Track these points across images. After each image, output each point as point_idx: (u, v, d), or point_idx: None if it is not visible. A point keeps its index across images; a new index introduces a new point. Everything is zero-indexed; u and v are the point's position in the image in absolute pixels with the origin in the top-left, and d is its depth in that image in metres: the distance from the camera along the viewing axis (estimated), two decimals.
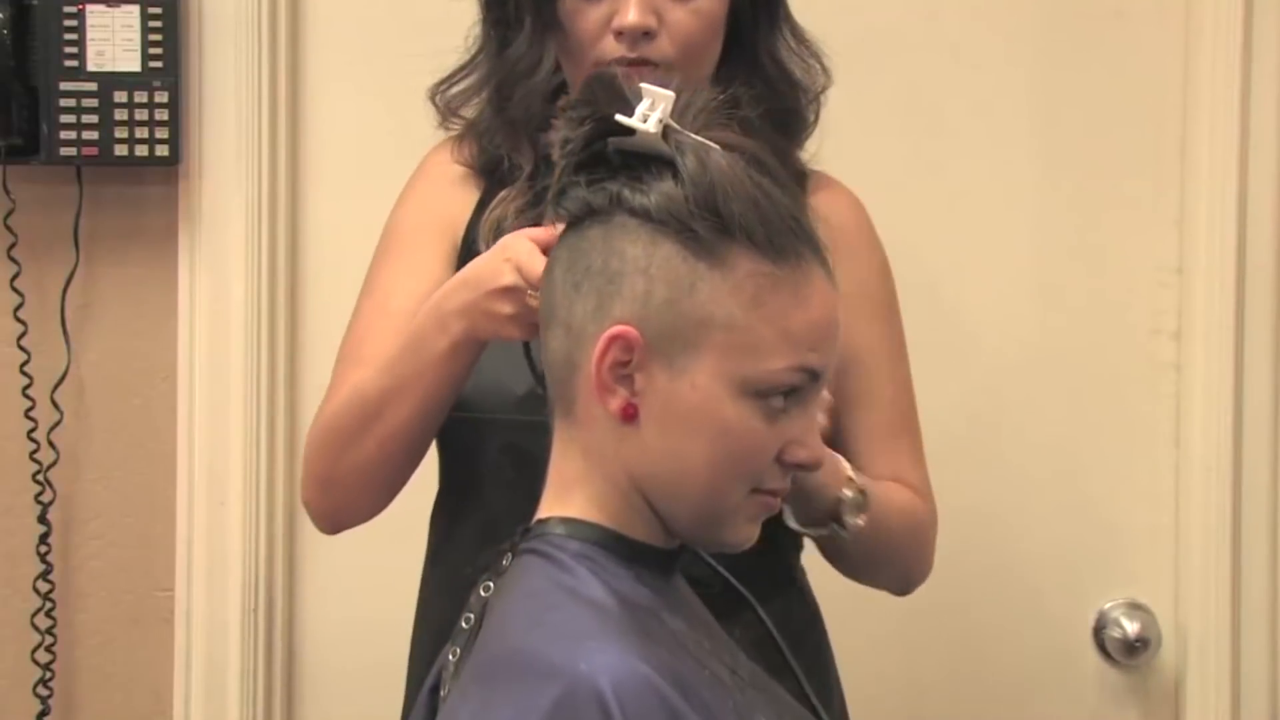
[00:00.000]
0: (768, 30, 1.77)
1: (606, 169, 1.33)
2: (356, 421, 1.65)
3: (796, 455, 1.34)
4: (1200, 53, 2.31)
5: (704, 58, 1.72)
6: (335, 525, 1.77)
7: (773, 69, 1.76)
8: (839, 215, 1.77)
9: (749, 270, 1.30)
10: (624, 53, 1.67)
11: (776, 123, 1.75)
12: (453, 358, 1.57)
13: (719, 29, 1.73)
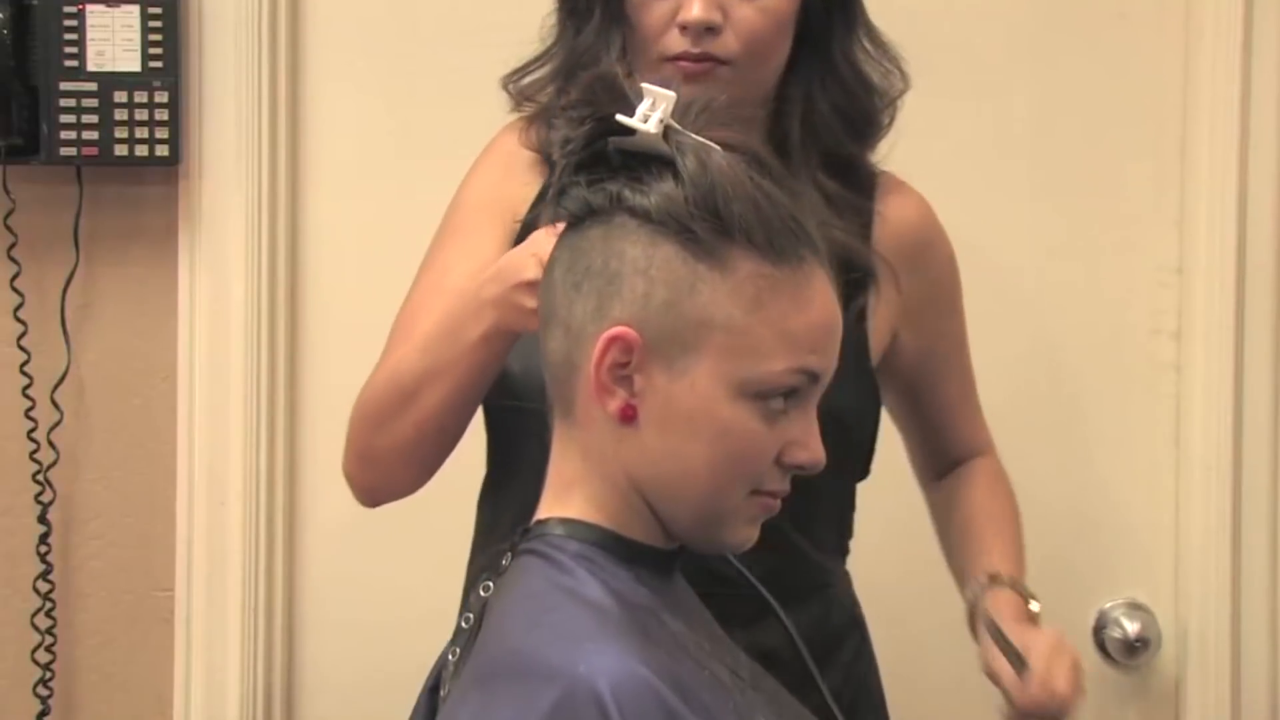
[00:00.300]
0: (843, 32, 1.76)
1: (607, 169, 1.33)
2: (394, 401, 1.67)
3: (796, 457, 1.34)
4: (1200, 53, 2.31)
5: (770, 56, 1.71)
6: (374, 500, 1.80)
7: (847, 71, 1.76)
8: (909, 218, 1.80)
9: (749, 272, 1.30)
10: (687, 48, 1.66)
11: (849, 125, 1.76)
12: (485, 346, 1.59)
13: (787, 28, 1.71)
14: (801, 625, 1.69)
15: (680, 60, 1.67)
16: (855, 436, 1.76)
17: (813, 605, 1.74)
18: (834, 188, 1.74)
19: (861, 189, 1.77)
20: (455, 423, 1.68)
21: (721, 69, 1.67)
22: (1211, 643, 2.32)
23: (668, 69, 1.67)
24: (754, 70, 1.69)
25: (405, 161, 2.31)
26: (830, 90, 1.74)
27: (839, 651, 1.78)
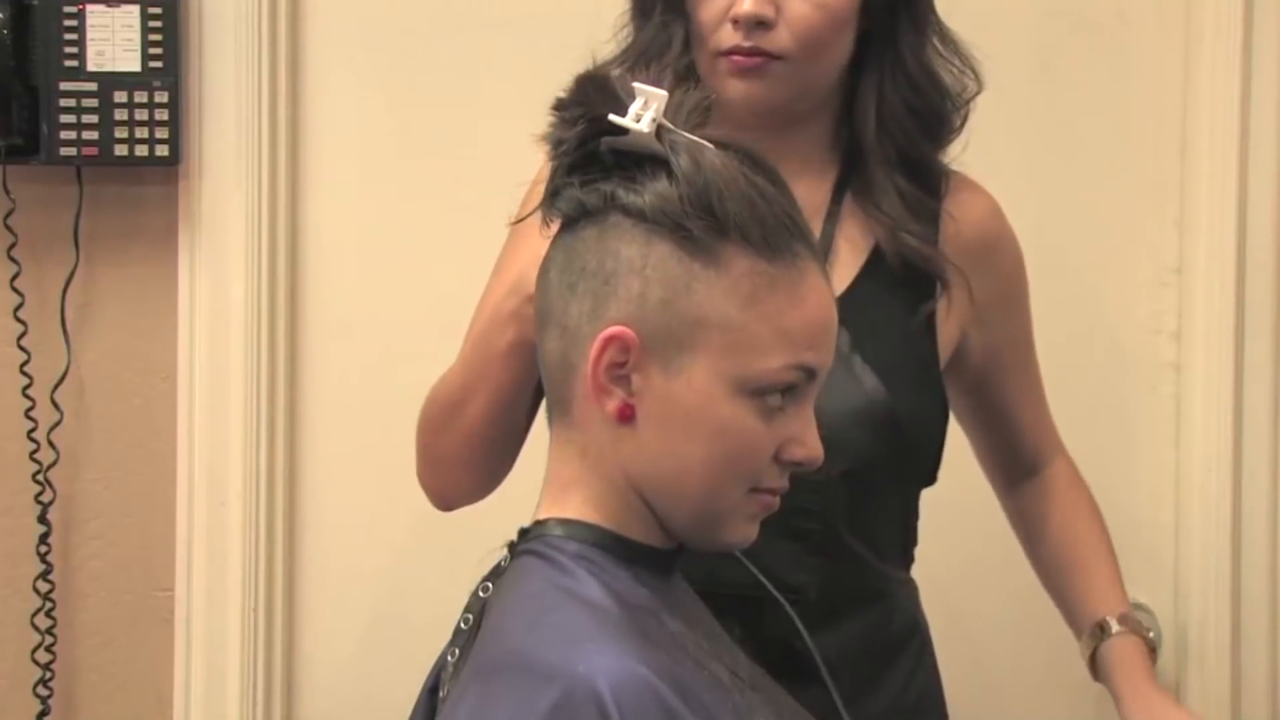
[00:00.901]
0: (911, 31, 1.74)
1: (600, 169, 1.33)
2: (443, 412, 1.71)
3: (794, 454, 1.34)
4: (1200, 53, 2.31)
5: (825, 53, 1.69)
6: (445, 504, 1.81)
7: (917, 70, 1.74)
8: (977, 218, 1.79)
9: (745, 269, 1.30)
10: (739, 42, 1.65)
11: (921, 125, 1.75)
12: (513, 357, 1.61)
13: (844, 25, 1.69)
14: (858, 632, 1.70)
15: (733, 55, 1.66)
16: (920, 442, 1.74)
17: (871, 612, 1.73)
18: (908, 188, 1.73)
19: (932, 189, 1.76)
20: (503, 432, 1.69)
21: (775, 64, 1.65)
22: (1211, 643, 2.32)
23: (722, 64, 1.67)
24: (808, 66, 1.67)
25: (405, 161, 2.31)
26: (901, 89, 1.73)
27: (899, 659, 1.77)
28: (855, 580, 1.71)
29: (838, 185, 1.76)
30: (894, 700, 1.73)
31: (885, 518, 1.72)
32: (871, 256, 1.74)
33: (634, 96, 1.31)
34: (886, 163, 1.73)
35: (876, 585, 1.76)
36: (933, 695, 1.82)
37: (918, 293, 1.74)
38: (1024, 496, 1.94)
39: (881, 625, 1.75)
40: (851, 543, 1.70)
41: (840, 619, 1.68)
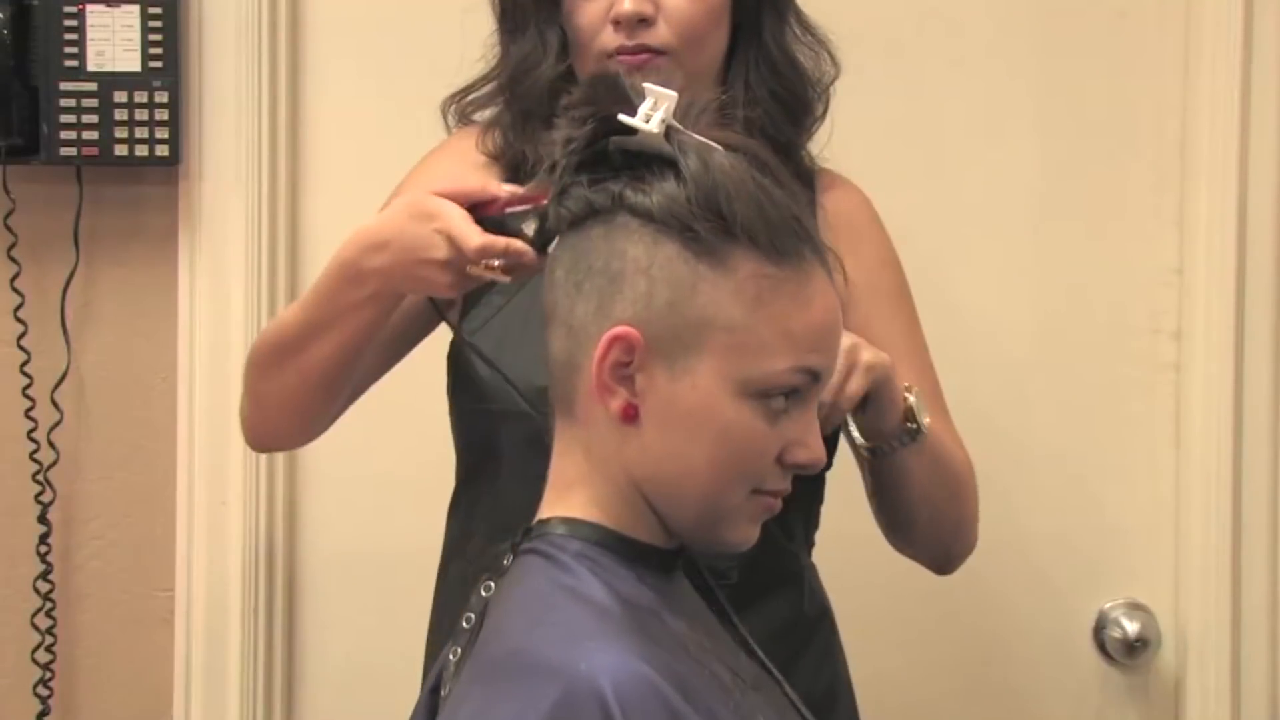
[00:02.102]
0: (774, 19, 1.78)
1: (608, 169, 1.33)
2: (276, 351, 1.69)
3: (797, 456, 1.34)
4: (1200, 53, 2.31)
5: (705, 45, 1.73)
6: (260, 445, 1.84)
7: (780, 57, 1.77)
8: (847, 210, 1.80)
9: (751, 271, 1.30)
10: (623, 41, 1.69)
11: (786, 111, 1.77)
12: (371, 306, 1.60)
13: (720, 16, 1.74)
14: (778, 615, 1.72)
15: (618, 55, 1.69)
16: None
17: (787, 595, 1.75)
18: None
19: (803, 180, 1.77)
20: (339, 375, 1.69)
21: (659, 60, 1.69)
22: (1211, 643, 2.32)
23: (609, 65, 1.69)
24: (691, 59, 1.71)
25: (405, 161, 2.29)
26: (765, 77, 1.76)
27: (813, 641, 1.78)
28: (772, 563, 1.71)
29: None
30: (811, 681, 1.73)
31: (795, 501, 1.72)
32: None
33: (643, 97, 1.32)
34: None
35: (790, 568, 1.77)
36: (843, 678, 1.83)
37: None
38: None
39: (796, 608, 1.76)
40: (769, 525, 1.69)
41: (761, 601, 1.69)
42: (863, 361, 1.58)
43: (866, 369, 1.58)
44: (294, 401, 1.72)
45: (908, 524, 1.79)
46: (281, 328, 1.70)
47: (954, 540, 1.83)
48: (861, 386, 1.58)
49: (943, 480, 1.75)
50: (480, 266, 1.48)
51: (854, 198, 1.83)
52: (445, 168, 1.83)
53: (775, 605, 1.72)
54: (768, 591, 1.71)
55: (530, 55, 1.77)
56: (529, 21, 1.77)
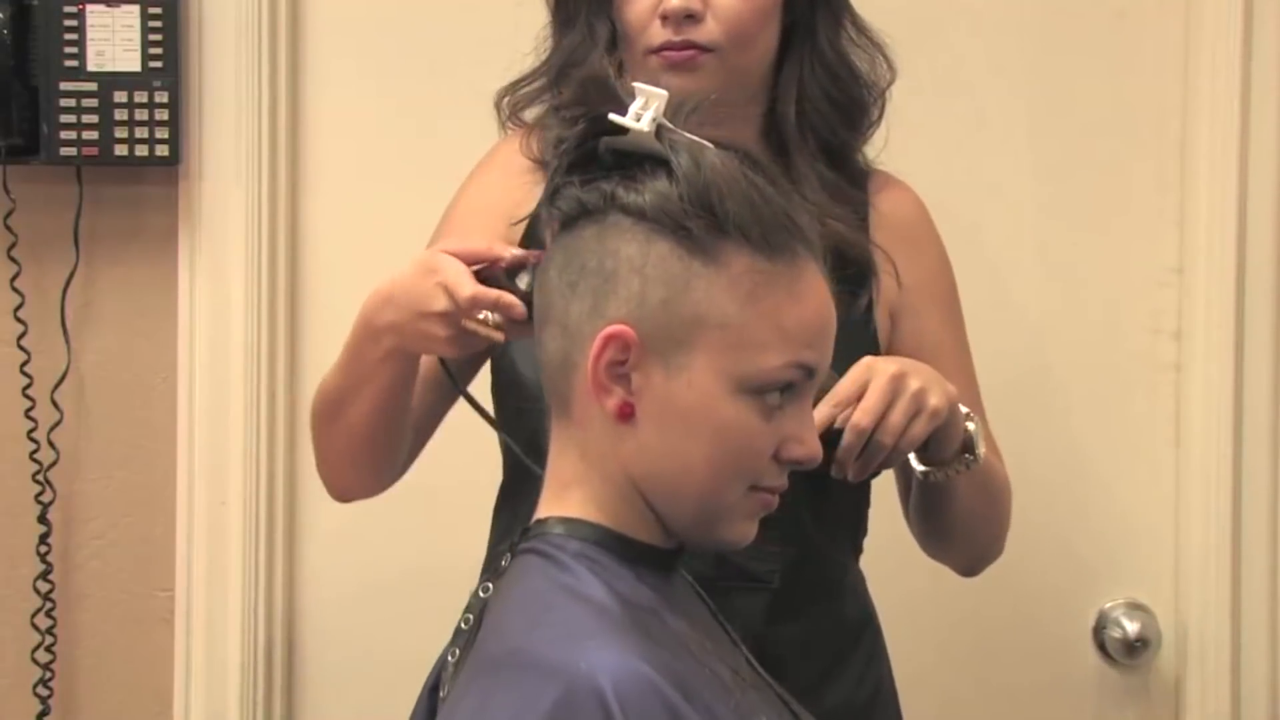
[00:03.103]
0: (829, 21, 1.77)
1: (600, 168, 1.33)
2: (324, 411, 1.71)
3: (794, 452, 1.35)
4: (1200, 53, 2.31)
5: (753, 43, 1.72)
6: (341, 497, 1.83)
7: (834, 59, 1.77)
8: (901, 212, 1.80)
9: (744, 268, 1.30)
10: (670, 37, 1.68)
11: (841, 113, 1.77)
12: (390, 365, 1.60)
13: (769, 15, 1.73)
14: (820, 622, 1.71)
15: (664, 51, 1.69)
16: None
17: (831, 602, 1.75)
18: (831, 177, 1.75)
19: (855, 181, 1.78)
20: (385, 433, 1.69)
21: (705, 57, 1.68)
22: (1211, 643, 2.32)
23: (652, 60, 1.69)
24: (739, 57, 1.70)
25: (405, 161, 2.31)
26: (820, 78, 1.75)
27: (856, 648, 1.78)
28: (816, 570, 1.72)
29: None
30: (853, 689, 1.74)
31: (840, 508, 1.73)
32: None
33: (634, 96, 1.32)
34: (808, 153, 1.75)
35: (835, 575, 1.77)
36: (888, 684, 1.83)
37: (855, 283, 1.74)
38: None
39: (840, 615, 1.76)
40: (812, 532, 1.71)
41: (804, 608, 1.70)
42: (929, 407, 1.58)
43: (932, 415, 1.58)
44: (351, 457, 1.73)
45: (945, 536, 1.80)
46: (324, 388, 1.71)
47: (986, 550, 1.85)
48: (926, 431, 1.58)
49: (984, 498, 1.75)
50: (475, 321, 1.47)
51: (908, 200, 1.83)
52: (488, 179, 1.83)
53: (817, 611, 1.72)
54: (810, 597, 1.71)
55: (579, 48, 1.76)
56: (579, 13, 1.76)
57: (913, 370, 1.58)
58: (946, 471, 1.67)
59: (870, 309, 1.75)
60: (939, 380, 1.60)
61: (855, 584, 1.82)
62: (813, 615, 1.71)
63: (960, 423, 1.64)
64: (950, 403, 1.60)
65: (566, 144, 1.34)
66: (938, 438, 1.62)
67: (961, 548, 1.83)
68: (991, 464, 1.74)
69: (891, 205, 1.79)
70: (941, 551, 1.83)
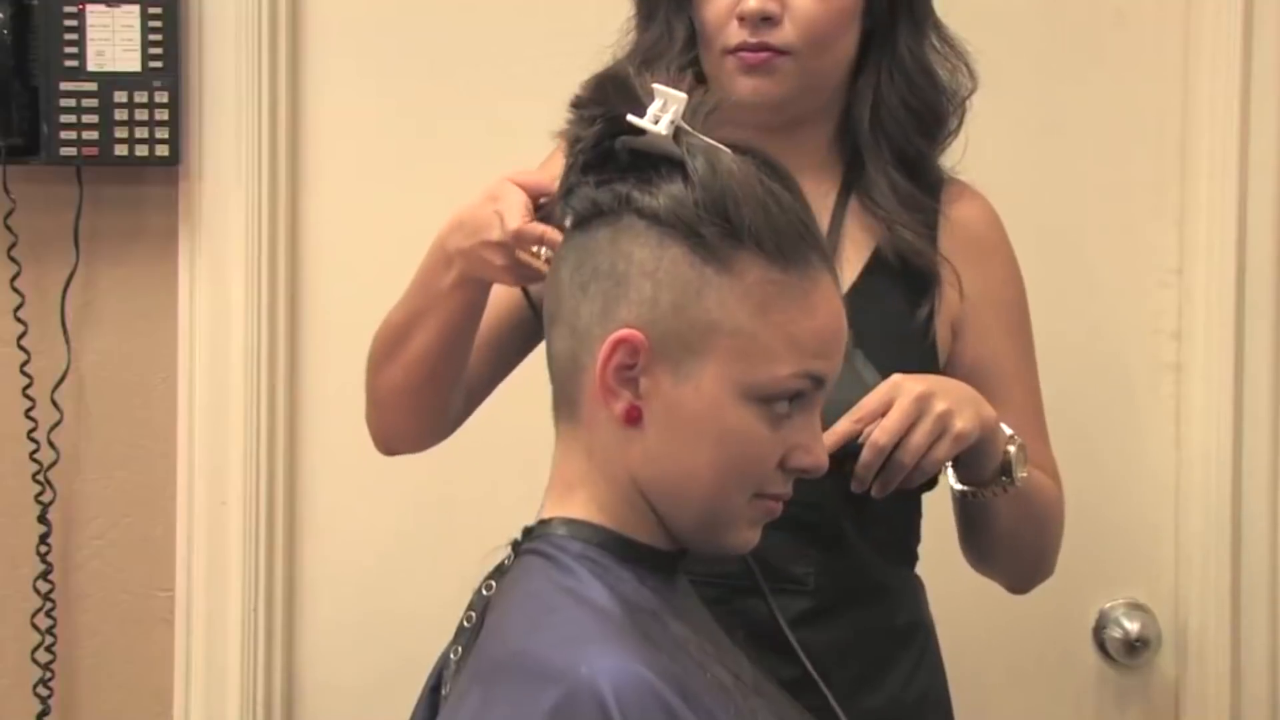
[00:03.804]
0: (910, 28, 1.75)
1: (616, 169, 1.33)
2: (384, 346, 1.71)
3: (800, 461, 1.35)
4: (1200, 53, 2.31)
5: (830, 48, 1.70)
6: (388, 448, 1.81)
7: (914, 67, 1.75)
8: (974, 223, 1.79)
9: (757, 276, 1.29)
10: (745, 38, 1.67)
11: (917, 121, 1.76)
12: (460, 291, 1.61)
13: (848, 20, 1.71)
14: (859, 627, 1.70)
15: (740, 52, 1.68)
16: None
17: (872, 608, 1.73)
18: (903, 184, 1.74)
19: (930, 190, 1.77)
20: (445, 365, 1.68)
21: (781, 60, 1.67)
22: (1211, 643, 2.32)
23: (729, 61, 1.68)
24: (814, 61, 1.69)
25: (405, 160, 2.31)
26: (898, 85, 1.74)
27: (900, 657, 1.76)
28: (856, 575, 1.72)
29: (841, 186, 1.77)
30: (893, 698, 1.73)
31: (883, 517, 1.71)
32: (874, 255, 1.75)
33: (653, 97, 1.31)
34: (882, 159, 1.74)
35: (878, 581, 1.76)
36: (936, 695, 1.82)
37: (918, 292, 1.74)
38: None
39: (882, 622, 1.75)
40: (853, 537, 1.70)
41: (840, 613, 1.69)
42: (954, 430, 1.57)
43: (957, 438, 1.58)
44: (405, 398, 1.72)
45: (989, 554, 1.80)
46: (388, 321, 1.71)
47: (1033, 571, 1.86)
48: (949, 454, 1.58)
49: (1029, 520, 1.75)
50: (528, 253, 1.47)
51: (981, 211, 1.82)
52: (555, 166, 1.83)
53: (855, 615, 1.71)
54: (849, 602, 1.70)
55: (656, 44, 1.76)
56: (659, 10, 1.76)
57: (942, 391, 1.58)
58: (983, 492, 1.67)
59: (930, 319, 1.74)
60: (973, 402, 1.60)
61: (904, 590, 1.80)
62: (851, 620, 1.70)
63: (999, 445, 1.64)
64: (984, 426, 1.60)
65: (583, 143, 1.34)
66: (972, 459, 1.62)
67: (1005, 566, 1.83)
68: (1038, 485, 1.74)
69: (962, 215, 1.78)
70: (986, 568, 1.83)
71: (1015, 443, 1.66)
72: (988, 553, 1.79)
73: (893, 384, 1.58)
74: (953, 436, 1.57)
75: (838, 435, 1.56)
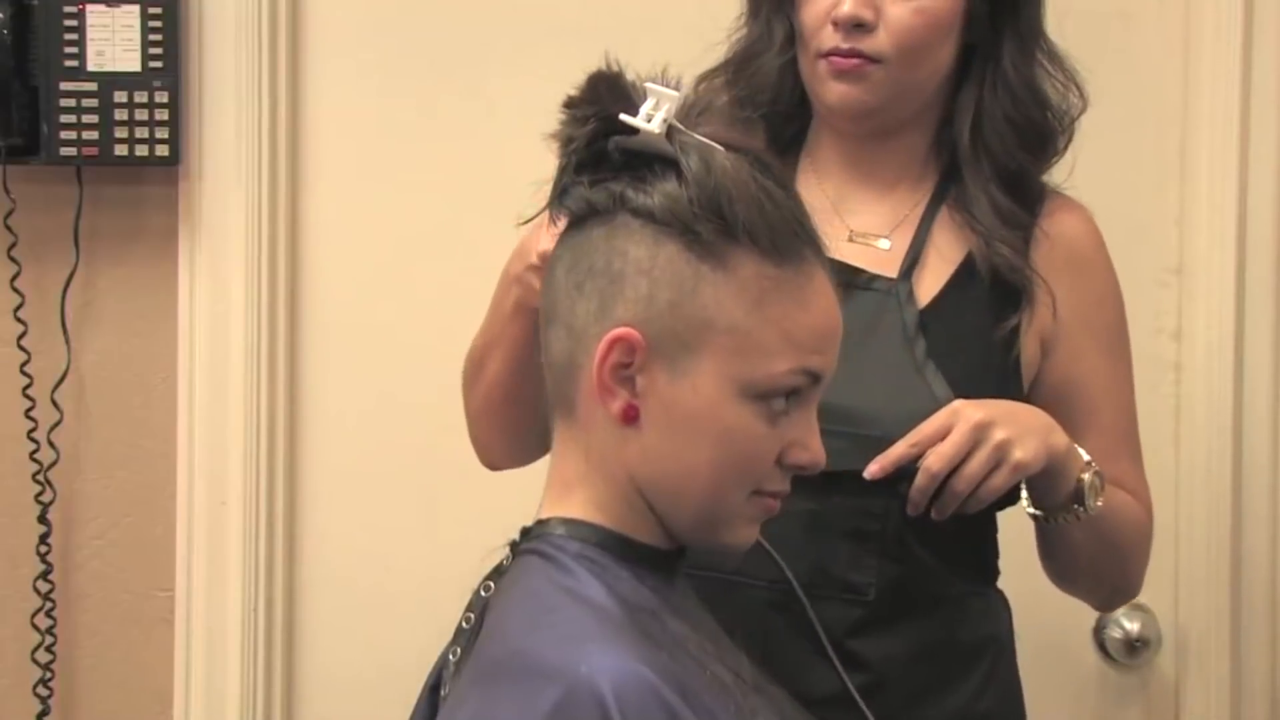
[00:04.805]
0: (1016, 46, 1.75)
1: (609, 168, 1.33)
2: (469, 368, 1.77)
3: (798, 457, 1.35)
4: (1200, 53, 2.31)
5: (923, 59, 1.70)
6: (487, 462, 1.85)
7: (1019, 84, 1.74)
8: (1072, 238, 1.77)
9: (752, 273, 1.30)
10: (838, 44, 1.67)
11: (1021, 138, 1.74)
12: (520, 316, 1.64)
13: (944, 33, 1.71)
14: (919, 639, 1.69)
15: (832, 56, 1.68)
16: None
17: (934, 620, 1.71)
18: (1003, 200, 1.73)
19: (1029, 205, 1.75)
20: (520, 389, 1.70)
21: (872, 68, 1.67)
22: (1211, 643, 2.32)
23: (821, 66, 1.69)
24: (906, 72, 1.68)
25: (405, 161, 2.31)
26: (1002, 101, 1.73)
27: (967, 672, 1.74)
28: (920, 587, 1.70)
29: (933, 196, 1.76)
30: (957, 713, 1.71)
31: (957, 528, 1.67)
32: (960, 269, 1.74)
33: (646, 96, 1.31)
34: (983, 175, 1.73)
35: (942, 594, 1.73)
36: (1008, 707, 1.79)
37: (1005, 307, 1.73)
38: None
39: (946, 634, 1.73)
40: (918, 550, 1.68)
41: (899, 623, 1.68)
42: (1012, 460, 1.58)
43: (1015, 468, 1.58)
44: (489, 418, 1.78)
45: (1067, 574, 1.80)
46: (472, 344, 1.76)
47: (1114, 592, 1.86)
48: (1007, 483, 1.58)
49: (1107, 545, 1.74)
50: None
51: (1079, 224, 1.79)
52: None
53: (917, 627, 1.69)
54: (910, 614, 1.69)
55: (756, 43, 1.77)
56: (762, 8, 1.76)
57: (1004, 419, 1.59)
58: (1055, 518, 1.68)
59: (1015, 335, 1.73)
60: (1039, 431, 1.60)
61: (973, 605, 1.77)
62: (912, 631, 1.68)
63: (1072, 472, 1.64)
64: (1051, 455, 1.60)
65: (576, 143, 1.33)
66: (1043, 485, 1.63)
67: (1084, 586, 1.84)
68: (1119, 509, 1.72)
69: (1059, 229, 1.76)
70: (1067, 586, 1.83)
71: (1091, 470, 1.66)
72: (1066, 573, 1.80)
73: (952, 410, 1.59)
74: (1011, 466, 1.57)
75: (893, 458, 1.58)
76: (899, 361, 1.68)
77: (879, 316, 1.70)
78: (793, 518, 1.49)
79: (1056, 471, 1.62)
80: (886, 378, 1.67)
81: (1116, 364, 1.80)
